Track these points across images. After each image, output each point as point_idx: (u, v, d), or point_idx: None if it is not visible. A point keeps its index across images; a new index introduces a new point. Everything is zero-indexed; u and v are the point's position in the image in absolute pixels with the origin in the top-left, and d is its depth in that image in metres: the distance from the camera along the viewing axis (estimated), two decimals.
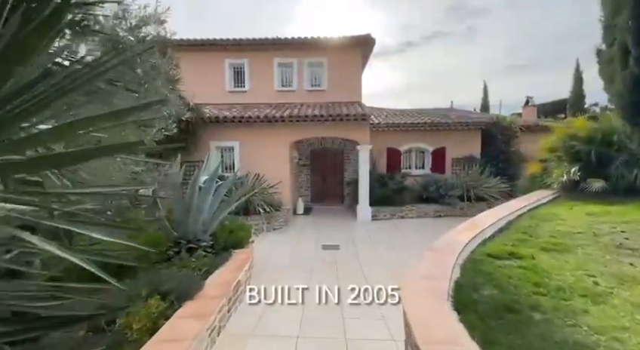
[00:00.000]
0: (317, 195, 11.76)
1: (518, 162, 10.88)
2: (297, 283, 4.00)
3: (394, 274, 4.61)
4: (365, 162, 9.11)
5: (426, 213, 9.51)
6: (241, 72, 11.57)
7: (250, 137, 9.19)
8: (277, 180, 8.82)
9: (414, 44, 59.04)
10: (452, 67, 54.87)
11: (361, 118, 8.76)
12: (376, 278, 4.42)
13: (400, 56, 57.25)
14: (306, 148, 11.42)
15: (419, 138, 11.17)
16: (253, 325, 3.36)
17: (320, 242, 6.88)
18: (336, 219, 9.43)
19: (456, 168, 11.10)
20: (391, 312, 3.37)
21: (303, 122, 8.99)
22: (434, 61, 58.98)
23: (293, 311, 3.58)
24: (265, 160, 9.17)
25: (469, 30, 53.60)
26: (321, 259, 5.76)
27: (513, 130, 10.77)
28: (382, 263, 5.50)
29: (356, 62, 11.13)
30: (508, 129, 10.76)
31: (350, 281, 4.19)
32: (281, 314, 3.56)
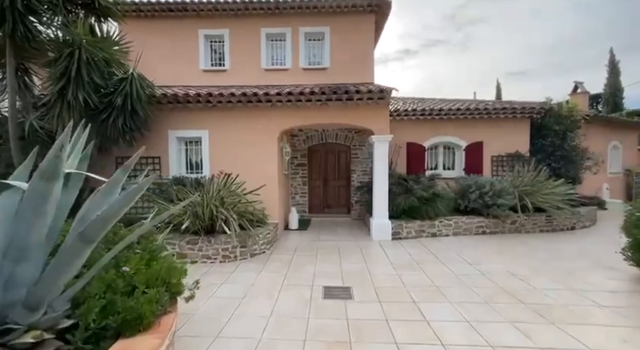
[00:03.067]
0: (316, 204, 9.20)
1: (579, 160, 8.33)
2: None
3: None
4: (382, 159, 6.57)
5: (466, 229, 6.92)
6: (219, 47, 9.11)
7: (224, 125, 6.67)
8: (261, 183, 6.27)
9: (412, 52, 58.00)
10: (451, 74, 53.66)
11: (379, 96, 6.24)
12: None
13: (399, 64, 56.05)
14: (302, 143, 8.89)
15: (448, 130, 8.64)
16: None
17: (319, 281, 4.30)
18: (343, 237, 6.85)
19: (497, 169, 8.55)
20: None
21: (297, 104, 6.47)
22: (433, 69, 57.72)
23: None
24: (244, 156, 6.64)
25: (466, 38, 52.44)
26: (324, 325, 3.16)
27: (575, 120, 8.23)
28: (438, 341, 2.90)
29: (368, 32, 8.66)
30: (566, 118, 8.22)
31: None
32: None
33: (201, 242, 5.17)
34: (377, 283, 4.24)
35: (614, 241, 5.13)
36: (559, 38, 48.89)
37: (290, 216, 7.72)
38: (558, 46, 47.31)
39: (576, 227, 7.39)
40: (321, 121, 6.60)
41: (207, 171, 6.68)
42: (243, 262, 5.25)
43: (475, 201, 6.92)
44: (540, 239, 6.58)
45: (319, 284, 4.22)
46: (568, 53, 46.53)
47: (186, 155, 7.05)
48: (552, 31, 51.73)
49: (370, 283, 4.27)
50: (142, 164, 6.70)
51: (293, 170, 8.93)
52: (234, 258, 5.26)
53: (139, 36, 8.76)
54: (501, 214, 6.72)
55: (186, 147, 7.03)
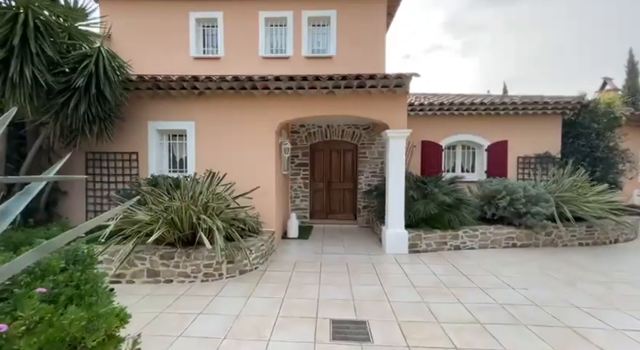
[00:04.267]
0: (318, 209, 8.20)
1: (619, 163, 7.35)
2: None
3: None
4: (398, 159, 5.58)
5: (494, 241, 5.92)
6: (212, 32, 8.18)
7: (213, 116, 5.70)
8: (255, 185, 5.30)
9: (412, 58, 57.58)
10: (450, 80, 53.14)
11: (395, 83, 5.27)
12: None
13: (399, 70, 55.60)
14: (303, 140, 7.91)
15: (468, 127, 7.67)
16: None
17: (326, 311, 3.31)
18: (351, 249, 5.84)
19: (524, 171, 7.56)
20: None
21: (299, 92, 5.51)
22: (433, 74, 57.31)
23: None
24: (237, 153, 5.66)
25: (465, 45, 52.00)
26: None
27: (615, 117, 7.26)
28: None
29: (379, 18, 7.74)
30: (604, 115, 7.25)
31: None
32: None
33: (177, 256, 4.17)
34: (401, 317, 3.24)
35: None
36: (559, 44, 48.24)
37: (289, 222, 6.73)
38: (558, 51, 46.62)
39: (619, 239, 6.39)
40: (328, 112, 5.62)
41: (193, 169, 5.70)
42: (230, 281, 4.25)
43: (505, 208, 5.92)
44: (584, 254, 5.58)
45: (325, 316, 3.22)
46: (568, 59, 45.85)
47: (169, 151, 6.07)
48: (552, 37, 51.09)
49: (391, 315, 3.27)
50: (116, 160, 5.72)
51: (294, 170, 7.95)
52: (219, 276, 4.26)
53: (121, 18, 7.87)
54: (536, 225, 5.72)
55: (169, 141, 6.05)
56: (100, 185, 5.75)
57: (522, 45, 53.80)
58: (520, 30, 57.13)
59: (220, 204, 4.49)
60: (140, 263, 4.12)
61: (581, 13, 51.27)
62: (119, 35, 7.81)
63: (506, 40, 56.52)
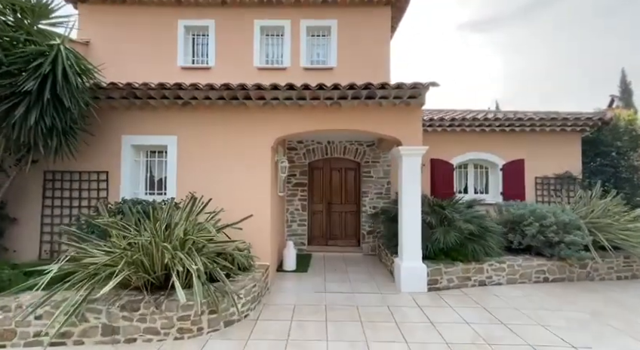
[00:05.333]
0: (317, 234, 7.33)
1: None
2: None
3: None
4: (413, 179, 4.84)
5: (523, 275, 5.13)
6: (203, 41, 7.57)
7: (199, 130, 4.92)
8: (247, 211, 4.46)
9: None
10: (439, 101, 54.42)
11: (410, 94, 4.62)
12: None
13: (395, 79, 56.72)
14: (301, 157, 7.15)
15: (482, 145, 7.06)
16: None
17: None
18: (358, 286, 4.95)
19: (542, 193, 6.91)
20: None
21: (299, 103, 4.80)
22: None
23: None
24: (225, 172, 4.85)
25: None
26: None
27: (638, 135, 6.75)
28: None
29: (383, 28, 7.27)
30: (627, 133, 6.75)
31: None
32: None
33: (144, 307, 3.23)
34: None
35: None
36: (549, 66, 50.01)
37: (286, 252, 5.83)
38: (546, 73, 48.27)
39: None
40: (332, 126, 4.91)
41: (174, 192, 4.84)
42: (213, 337, 3.31)
43: (534, 236, 5.18)
44: (631, 291, 4.82)
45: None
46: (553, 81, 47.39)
47: (147, 170, 5.21)
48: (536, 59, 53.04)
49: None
50: (81, 181, 4.82)
51: (290, 190, 7.14)
52: (197, 331, 3.32)
53: (102, 24, 7.21)
54: (572, 256, 4.97)
55: (146, 158, 5.20)
56: (60, 211, 4.80)
57: (509, 67, 55.73)
58: (506, 53, 59.60)
59: (202, 237, 3.61)
60: (94, 317, 3.16)
61: (567, 37, 53.82)
62: (100, 42, 7.13)
63: (493, 62, 58.68)
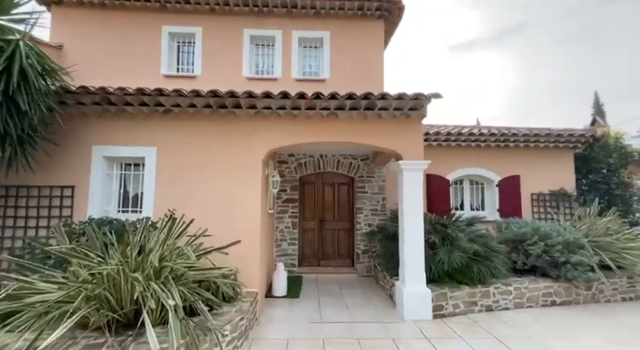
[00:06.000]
0: (309, 253, 6.84)
1: (635, 202, 6.79)
2: None
3: None
4: (415, 195, 4.53)
5: (530, 299, 4.83)
6: (188, 49, 7.20)
7: (182, 141, 4.45)
8: (235, 231, 3.98)
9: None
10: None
11: (411, 106, 4.38)
12: None
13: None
14: (292, 171, 6.75)
15: (477, 160, 6.93)
16: None
17: None
18: (357, 313, 4.48)
19: (539, 210, 6.79)
20: None
21: (293, 113, 4.45)
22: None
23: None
24: (211, 189, 4.37)
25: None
26: None
27: (627, 152, 6.83)
28: None
29: (376, 41, 7.17)
30: (616, 150, 6.81)
31: None
32: None
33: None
34: None
35: None
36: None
37: (276, 275, 5.30)
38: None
39: None
40: (328, 138, 4.57)
41: (150, 210, 4.29)
42: None
43: (539, 256, 4.94)
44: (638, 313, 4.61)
45: None
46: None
47: (121, 185, 4.64)
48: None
49: None
50: (40, 197, 4.18)
51: (280, 207, 6.67)
52: None
53: (78, 27, 6.73)
54: (579, 277, 4.74)
55: (121, 172, 4.64)
56: (12, 232, 4.12)
57: (489, 88, 58.52)
58: (484, 75, 62.89)
59: (182, 264, 3.08)
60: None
61: (539, 62, 57.47)
62: (76, 47, 6.62)
63: (473, 83, 61.54)
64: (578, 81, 47.58)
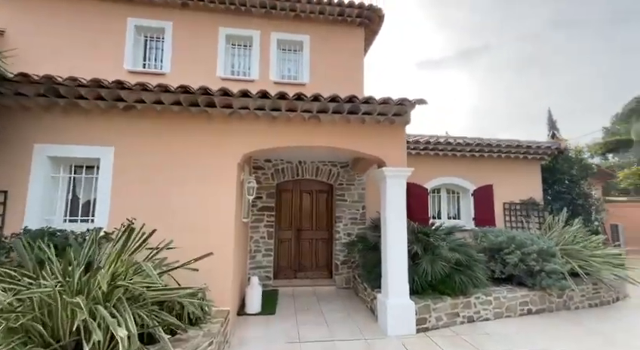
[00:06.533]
0: (285, 265, 6.44)
1: (595, 212, 7.22)
2: None
3: None
4: (399, 204, 4.38)
5: (509, 308, 4.83)
6: (157, 45, 6.69)
7: (145, 141, 3.96)
8: (205, 243, 3.55)
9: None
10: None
11: (395, 111, 4.27)
12: None
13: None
14: (269, 178, 6.38)
15: (454, 170, 7.02)
16: None
17: None
18: (337, 330, 4.17)
19: (511, 219, 6.98)
20: None
21: (272, 114, 4.16)
22: None
23: None
24: (179, 196, 3.91)
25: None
26: None
27: (587, 165, 7.28)
28: None
29: (357, 47, 7.12)
30: (577, 162, 7.24)
31: None
32: None
33: None
34: None
35: None
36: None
37: (249, 290, 4.85)
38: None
39: (620, 297, 5.83)
40: (309, 143, 4.31)
41: (105, 219, 3.72)
42: None
43: (517, 265, 4.98)
44: (608, 320, 4.75)
45: None
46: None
47: (69, 190, 4.02)
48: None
49: None
50: None
51: (255, 215, 6.24)
52: None
53: (27, 13, 6.00)
54: (553, 286, 4.82)
55: (69, 175, 4.02)
56: None
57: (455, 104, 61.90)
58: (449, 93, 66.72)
59: (140, 283, 2.61)
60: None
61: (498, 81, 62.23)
62: (24, 35, 5.86)
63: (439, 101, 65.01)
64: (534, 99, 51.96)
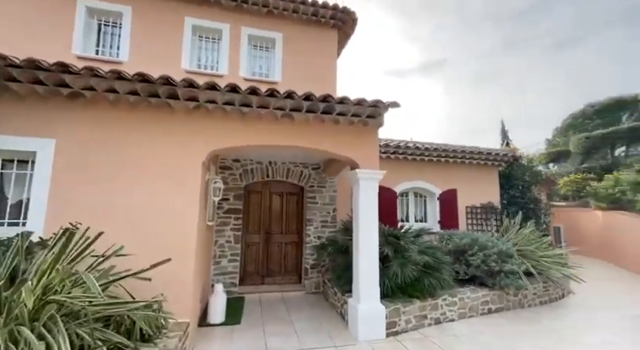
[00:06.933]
0: (252, 271, 6.13)
1: (544, 216, 7.84)
2: None
3: None
4: (371, 206, 4.34)
5: (472, 308, 5.00)
6: (114, 30, 6.11)
7: (94, 135, 3.52)
8: (163, 249, 3.20)
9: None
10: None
11: (369, 113, 4.24)
12: None
13: None
14: (237, 179, 6.05)
15: (421, 174, 7.22)
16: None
17: None
18: (306, 338, 4.00)
19: (472, 221, 7.33)
20: None
21: (242, 110, 3.92)
22: None
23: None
24: (133, 197, 3.52)
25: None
26: None
27: (537, 172, 7.89)
28: None
29: (330, 47, 7.08)
30: (529, 169, 7.83)
31: None
32: None
33: None
34: None
35: None
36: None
37: (213, 299, 4.50)
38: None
39: (565, 294, 6.34)
40: (281, 141, 4.12)
41: (41, 222, 3.22)
42: None
43: (479, 266, 5.19)
44: (559, 317, 5.11)
45: None
46: None
47: None
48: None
49: None
50: None
51: (221, 218, 5.87)
52: None
53: None
54: (511, 285, 5.09)
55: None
56: None
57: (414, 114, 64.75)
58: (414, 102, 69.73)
59: (78, 298, 2.24)
60: None
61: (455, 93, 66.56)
62: None
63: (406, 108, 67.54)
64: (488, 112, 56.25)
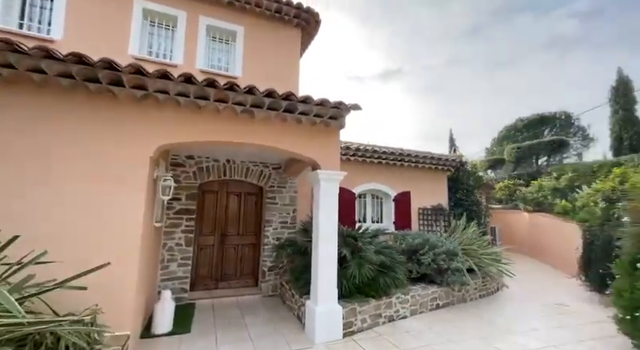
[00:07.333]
0: (205, 274, 5.77)
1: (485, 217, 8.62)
2: None
3: None
4: (331, 207, 4.35)
5: (422, 304, 5.28)
6: (44, 3, 5.36)
7: (16, 122, 3.01)
8: (102, 255, 2.83)
9: None
10: None
11: (331, 114, 4.25)
12: None
13: None
14: (191, 177, 5.65)
15: (378, 176, 7.47)
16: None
17: None
18: (261, 346, 3.86)
19: (424, 223, 7.77)
20: None
21: (197, 103, 3.66)
22: None
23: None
24: (66, 196, 3.06)
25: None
26: None
27: (479, 177, 8.65)
28: None
29: (293, 46, 7.00)
30: (473, 174, 8.56)
31: None
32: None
33: None
34: None
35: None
36: None
37: (159, 306, 4.13)
38: None
39: (499, 287, 7.02)
40: (240, 138, 3.93)
41: None
42: None
43: (429, 265, 5.51)
44: (497, 310, 5.62)
45: None
46: None
47: None
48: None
49: None
50: None
51: (171, 219, 5.43)
52: None
53: None
54: (456, 281, 5.48)
55: None
56: None
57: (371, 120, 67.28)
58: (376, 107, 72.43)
59: None
60: None
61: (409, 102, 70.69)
62: None
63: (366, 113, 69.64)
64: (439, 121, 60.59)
